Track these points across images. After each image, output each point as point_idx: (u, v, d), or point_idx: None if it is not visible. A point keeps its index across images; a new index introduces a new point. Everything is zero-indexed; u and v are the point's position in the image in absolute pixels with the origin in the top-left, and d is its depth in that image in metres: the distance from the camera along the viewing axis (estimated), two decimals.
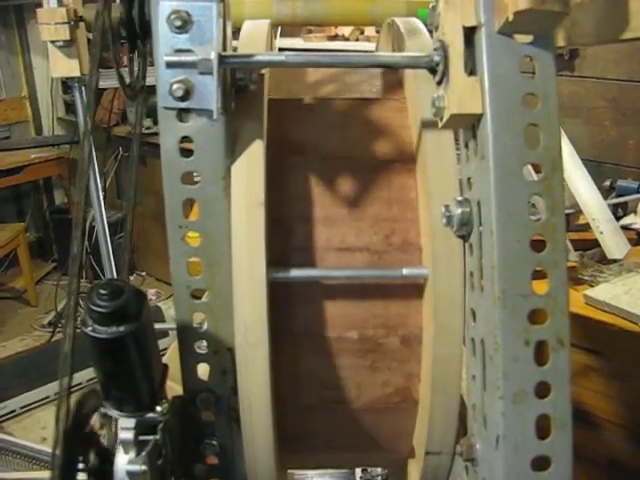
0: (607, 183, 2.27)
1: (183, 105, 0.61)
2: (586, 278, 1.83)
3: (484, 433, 0.61)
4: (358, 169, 0.74)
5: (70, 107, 4.57)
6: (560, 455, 0.58)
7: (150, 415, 0.67)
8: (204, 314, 0.70)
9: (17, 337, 3.86)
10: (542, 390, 0.57)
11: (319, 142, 0.75)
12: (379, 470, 1.29)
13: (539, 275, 0.59)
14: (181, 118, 0.65)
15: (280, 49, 0.83)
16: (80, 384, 0.71)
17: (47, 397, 3.07)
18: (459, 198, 0.63)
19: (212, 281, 0.69)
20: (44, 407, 3.06)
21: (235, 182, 0.66)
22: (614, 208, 2.11)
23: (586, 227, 1.94)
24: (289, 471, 1.19)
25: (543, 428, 0.58)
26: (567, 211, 1.92)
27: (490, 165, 0.57)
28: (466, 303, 0.66)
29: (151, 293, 4.02)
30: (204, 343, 0.72)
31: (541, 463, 0.57)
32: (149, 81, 0.95)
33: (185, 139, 0.66)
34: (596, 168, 2.35)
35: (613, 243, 1.91)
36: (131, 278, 4.07)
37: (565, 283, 0.58)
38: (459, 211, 0.63)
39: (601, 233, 1.91)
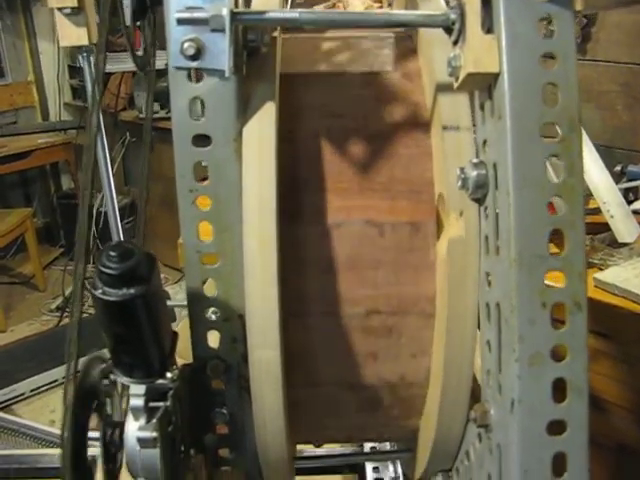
0: (618, 168, 2.26)
1: (194, 65, 0.60)
2: (596, 261, 1.82)
3: (499, 398, 0.60)
4: (371, 135, 0.73)
5: (77, 92, 4.58)
6: (576, 419, 0.57)
7: (160, 381, 0.66)
8: (215, 280, 0.70)
9: (25, 322, 3.89)
10: (558, 353, 0.57)
11: (331, 109, 0.74)
12: (387, 447, 1.29)
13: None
14: (192, 78, 0.64)
15: None
16: None
17: (56, 380, 3.10)
18: (474, 160, 0.62)
19: (223, 247, 0.68)
20: (53, 390, 3.08)
21: (247, 144, 0.65)
22: (625, 193, 2.10)
23: (597, 211, 1.93)
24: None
25: (559, 392, 0.57)
26: None
27: (507, 125, 0.56)
28: (481, 268, 0.65)
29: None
30: (214, 310, 0.71)
31: (557, 427, 0.57)
32: (157, 65, 0.94)
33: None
34: (607, 153, 2.33)
35: (624, 227, 1.90)
36: None
37: (582, 245, 0.57)
38: (474, 173, 0.61)
39: (612, 217, 1.89)
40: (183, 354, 0.74)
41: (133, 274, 0.58)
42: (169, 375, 0.66)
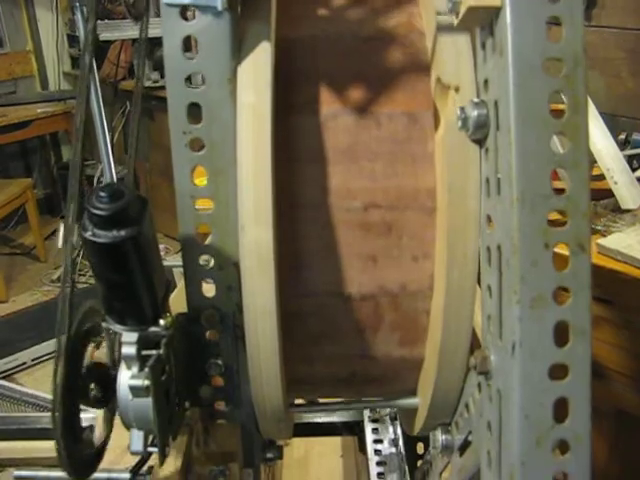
0: (622, 136, 2.24)
1: (187, 1, 0.59)
2: (599, 228, 1.80)
3: (499, 343, 0.59)
4: (367, 37, 0.72)
5: (76, 61, 4.53)
6: (579, 363, 0.55)
7: (153, 329, 0.65)
8: (209, 227, 0.68)
9: (27, 292, 3.89)
10: (561, 296, 0.55)
11: (327, 50, 0.72)
12: (387, 410, 1.28)
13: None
14: (185, 16, 0.62)
15: None
16: None
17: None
18: (475, 100, 0.60)
19: (217, 191, 0.66)
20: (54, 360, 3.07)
21: (242, 84, 0.63)
22: (629, 160, 2.08)
23: (600, 177, 1.91)
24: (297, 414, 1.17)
25: (561, 336, 0.55)
26: None
27: (509, 60, 0.54)
28: (481, 211, 0.63)
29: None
30: (209, 258, 0.70)
31: (559, 371, 0.55)
32: (153, 33, 0.92)
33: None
34: (612, 121, 2.30)
35: (627, 193, 1.88)
36: None
37: (586, 185, 0.55)
38: (475, 113, 0.59)
39: (615, 183, 1.88)
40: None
41: (124, 215, 0.57)
42: (162, 323, 0.65)
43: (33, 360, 3.10)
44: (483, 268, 0.63)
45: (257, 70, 0.63)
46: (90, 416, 0.78)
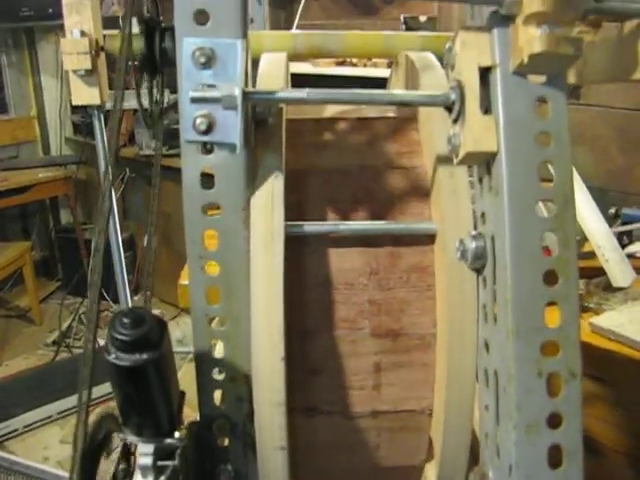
0: (612, 211, 2.27)
1: (206, 139, 0.63)
2: (591, 306, 1.83)
3: (497, 462, 0.62)
4: (372, 202, 0.76)
5: (78, 128, 4.61)
6: None
7: (169, 441, 0.68)
8: (222, 342, 0.72)
9: (21, 356, 3.87)
10: (554, 420, 0.59)
11: (333, 177, 0.78)
12: None
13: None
14: (203, 150, 0.67)
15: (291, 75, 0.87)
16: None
17: (50, 417, 3.06)
18: (473, 232, 0.65)
19: (230, 310, 0.70)
20: (47, 427, 3.05)
21: (255, 213, 0.68)
22: (619, 236, 2.11)
23: (592, 255, 1.94)
24: None
25: (555, 458, 0.59)
26: None
27: (504, 201, 0.59)
28: (479, 335, 0.67)
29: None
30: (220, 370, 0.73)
31: None
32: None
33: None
34: (601, 195, 2.34)
35: (619, 271, 1.90)
36: (135, 298, 4.06)
37: (576, 316, 0.60)
38: (473, 245, 0.64)
39: (607, 261, 1.90)
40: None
41: (145, 340, 0.61)
42: (177, 434, 0.68)
43: (25, 427, 3.06)
44: (481, 388, 0.67)
45: (269, 201, 0.68)
46: None
